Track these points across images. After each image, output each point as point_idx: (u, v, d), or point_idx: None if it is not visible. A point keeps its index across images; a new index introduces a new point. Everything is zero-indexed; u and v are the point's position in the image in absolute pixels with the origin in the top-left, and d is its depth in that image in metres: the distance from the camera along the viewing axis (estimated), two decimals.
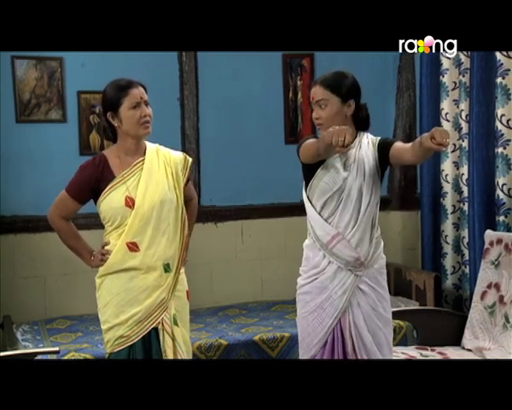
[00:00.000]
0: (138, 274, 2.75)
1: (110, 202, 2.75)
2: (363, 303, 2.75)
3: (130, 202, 2.74)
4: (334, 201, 2.73)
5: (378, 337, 2.76)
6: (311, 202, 2.79)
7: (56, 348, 3.24)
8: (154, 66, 4.23)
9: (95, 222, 4.30)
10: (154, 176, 2.79)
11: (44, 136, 4.34)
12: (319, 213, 2.76)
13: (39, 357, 3.14)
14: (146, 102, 2.78)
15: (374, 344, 2.75)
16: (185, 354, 2.81)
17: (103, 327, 2.80)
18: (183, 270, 2.88)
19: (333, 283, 2.74)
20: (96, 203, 2.82)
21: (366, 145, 2.76)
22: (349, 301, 2.73)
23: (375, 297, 2.77)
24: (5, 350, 3.41)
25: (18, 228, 4.29)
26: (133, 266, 2.75)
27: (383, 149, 2.72)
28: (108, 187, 2.75)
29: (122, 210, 2.74)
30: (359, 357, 2.73)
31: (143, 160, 2.80)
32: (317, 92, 2.73)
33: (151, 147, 2.87)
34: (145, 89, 2.81)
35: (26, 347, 3.67)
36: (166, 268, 2.78)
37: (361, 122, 2.80)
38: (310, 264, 2.81)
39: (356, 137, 2.78)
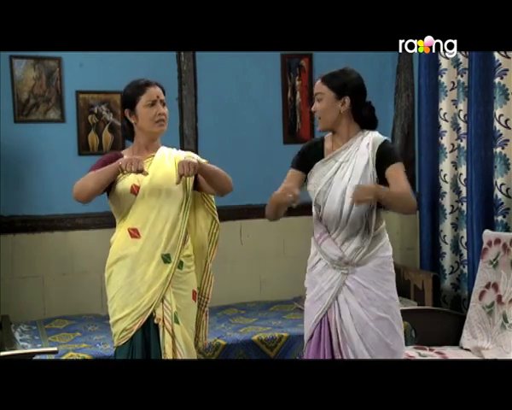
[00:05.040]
0: (139, 265, 2.80)
1: (118, 190, 2.82)
2: (350, 300, 2.75)
3: (135, 189, 2.82)
4: (321, 200, 2.79)
5: (368, 337, 2.73)
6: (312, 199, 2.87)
7: (55, 348, 3.24)
8: (152, 66, 4.22)
9: (93, 222, 4.38)
10: (162, 169, 2.87)
11: (43, 136, 4.33)
12: (315, 211, 2.85)
13: (37, 357, 3.14)
14: (162, 102, 2.88)
15: (361, 343, 2.73)
16: (185, 352, 2.84)
17: (110, 321, 2.88)
18: (192, 268, 2.93)
19: (321, 277, 2.80)
20: (108, 197, 2.87)
21: (365, 146, 2.76)
22: (336, 296, 2.76)
23: (365, 295, 2.74)
24: (3, 350, 3.40)
25: (16, 228, 4.28)
26: (134, 252, 2.81)
27: (381, 165, 2.74)
28: (118, 177, 2.80)
29: (127, 196, 2.82)
30: (344, 354, 2.74)
31: (154, 155, 2.90)
32: (316, 86, 2.84)
33: (164, 147, 2.97)
34: (163, 90, 2.92)
35: (25, 347, 3.66)
36: (166, 259, 2.82)
37: (365, 121, 2.82)
38: (309, 258, 2.90)
39: (356, 135, 2.80)
